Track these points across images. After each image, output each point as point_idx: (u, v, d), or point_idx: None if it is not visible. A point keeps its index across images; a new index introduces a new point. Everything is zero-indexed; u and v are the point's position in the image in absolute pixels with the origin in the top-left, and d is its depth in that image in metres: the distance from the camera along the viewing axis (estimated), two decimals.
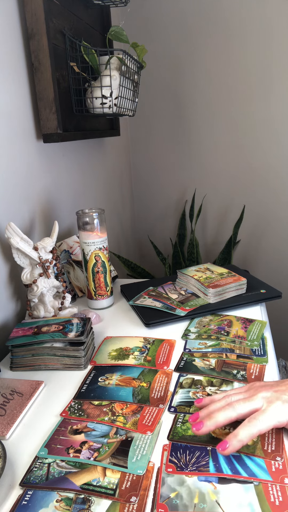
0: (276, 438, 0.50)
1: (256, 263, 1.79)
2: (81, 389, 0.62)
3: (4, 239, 0.79)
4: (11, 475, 0.48)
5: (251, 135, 1.61)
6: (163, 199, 1.81)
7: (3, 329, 0.80)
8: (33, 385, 0.63)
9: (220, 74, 1.56)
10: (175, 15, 1.53)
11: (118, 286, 1.02)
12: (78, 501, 0.43)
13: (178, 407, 0.57)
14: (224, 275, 0.91)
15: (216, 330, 0.76)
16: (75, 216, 1.11)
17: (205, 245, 1.83)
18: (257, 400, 0.49)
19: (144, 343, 0.75)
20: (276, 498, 0.42)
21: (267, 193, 1.67)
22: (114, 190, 1.56)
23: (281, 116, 1.55)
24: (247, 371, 0.64)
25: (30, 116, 0.89)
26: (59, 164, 1.05)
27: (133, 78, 1.08)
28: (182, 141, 1.70)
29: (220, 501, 0.42)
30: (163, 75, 1.62)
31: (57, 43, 0.92)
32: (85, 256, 0.88)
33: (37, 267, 0.80)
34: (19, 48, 0.84)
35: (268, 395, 0.50)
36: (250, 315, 0.82)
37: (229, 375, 0.63)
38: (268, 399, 0.49)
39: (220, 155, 1.67)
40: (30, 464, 0.49)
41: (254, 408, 0.49)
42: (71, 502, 0.43)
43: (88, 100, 1.03)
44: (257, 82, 1.53)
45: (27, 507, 0.43)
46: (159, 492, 0.44)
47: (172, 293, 0.91)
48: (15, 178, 0.85)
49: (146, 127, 1.71)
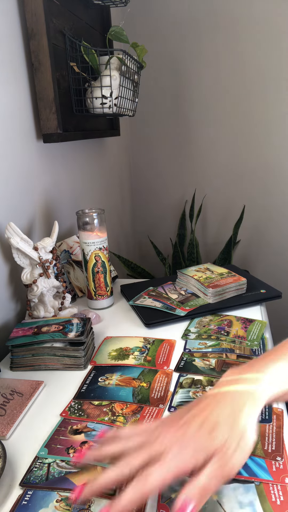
0: (276, 438, 0.50)
1: (256, 263, 1.79)
2: (81, 389, 0.62)
3: (4, 239, 0.79)
4: (11, 475, 0.48)
5: (251, 135, 1.61)
6: (163, 199, 1.81)
7: (3, 329, 0.80)
8: (33, 385, 0.63)
9: (220, 74, 1.56)
10: (175, 15, 1.53)
11: (118, 286, 1.01)
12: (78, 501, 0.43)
13: (178, 407, 0.57)
14: (224, 275, 0.91)
15: (216, 330, 0.76)
16: (75, 216, 1.11)
17: (205, 245, 1.83)
18: (157, 445, 0.39)
19: (144, 343, 0.75)
20: (277, 498, 0.42)
21: (267, 193, 1.67)
22: (114, 190, 1.56)
23: (281, 116, 1.55)
24: None
25: (30, 116, 0.89)
26: (59, 164, 1.05)
27: (133, 78, 1.08)
28: (182, 141, 1.70)
29: (221, 501, 0.42)
30: (163, 75, 1.62)
31: (57, 43, 0.92)
32: (85, 256, 0.88)
33: (37, 267, 0.80)
34: (19, 48, 0.84)
35: (169, 437, 0.40)
36: (250, 315, 0.82)
37: None
38: (169, 442, 0.39)
39: (220, 155, 1.67)
40: (30, 464, 0.49)
41: (153, 457, 0.39)
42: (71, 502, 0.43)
43: (88, 100, 1.03)
44: (257, 82, 1.53)
45: (27, 507, 0.43)
46: (160, 493, 0.44)
47: (172, 293, 0.91)
48: (15, 178, 0.85)
49: (146, 127, 1.71)
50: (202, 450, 0.38)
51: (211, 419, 0.40)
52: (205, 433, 0.39)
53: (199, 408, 0.42)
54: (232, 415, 0.41)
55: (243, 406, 0.41)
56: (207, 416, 0.41)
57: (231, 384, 0.44)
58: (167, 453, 0.38)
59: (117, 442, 0.42)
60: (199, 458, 0.38)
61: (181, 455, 0.38)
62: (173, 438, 0.40)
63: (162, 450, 0.39)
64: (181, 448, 0.38)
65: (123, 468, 0.39)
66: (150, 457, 0.39)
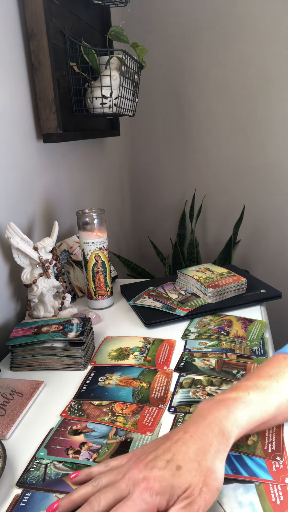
0: (276, 438, 0.50)
1: (256, 263, 1.79)
2: (81, 389, 0.62)
3: (4, 239, 0.79)
4: (11, 475, 0.48)
5: (251, 135, 1.61)
6: (163, 199, 1.81)
7: (3, 329, 0.80)
8: (33, 385, 0.63)
9: (220, 74, 1.56)
10: (175, 15, 1.53)
11: (118, 286, 1.01)
12: None
13: (178, 407, 0.57)
14: (224, 275, 0.91)
15: (216, 330, 0.76)
16: (75, 216, 1.11)
17: (205, 245, 1.83)
18: (123, 484, 0.39)
19: (144, 343, 0.75)
20: (277, 498, 0.42)
21: (267, 193, 1.67)
22: (114, 190, 1.56)
23: (281, 116, 1.55)
24: (247, 371, 0.64)
25: (30, 116, 0.89)
26: (59, 164, 1.05)
27: (133, 78, 1.08)
28: (182, 141, 1.70)
29: (221, 501, 0.42)
30: (163, 75, 1.62)
31: (57, 43, 0.92)
32: (85, 256, 0.88)
33: (37, 267, 0.80)
34: (19, 48, 0.84)
35: (136, 475, 0.39)
36: (250, 315, 0.82)
37: (229, 375, 0.63)
38: (134, 481, 0.39)
39: (220, 155, 1.67)
40: (27, 464, 0.49)
41: (119, 497, 0.39)
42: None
43: (88, 100, 1.03)
44: (257, 82, 1.53)
45: (25, 508, 0.43)
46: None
47: (172, 293, 0.91)
48: (15, 178, 0.85)
49: (146, 127, 1.71)
50: (167, 490, 0.37)
51: (178, 457, 0.39)
52: (171, 472, 0.38)
53: (171, 441, 0.42)
54: (200, 454, 0.40)
55: (211, 445, 0.41)
56: (175, 453, 0.40)
57: (203, 417, 0.44)
58: (131, 493, 0.37)
59: (89, 481, 0.42)
60: (163, 499, 0.37)
61: (146, 496, 0.37)
62: (139, 476, 0.39)
63: (128, 491, 0.38)
64: (146, 489, 0.37)
65: (88, 510, 0.38)
66: (116, 499, 0.38)
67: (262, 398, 0.46)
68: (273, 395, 0.47)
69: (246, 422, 0.44)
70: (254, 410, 0.45)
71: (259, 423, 0.46)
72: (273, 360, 0.52)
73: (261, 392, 0.47)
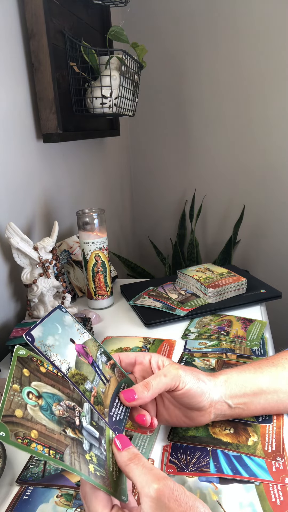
0: (276, 438, 0.50)
1: (256, 263, 1.79)
2: None
3: (4, 239, 0.79)
4: (11, 475, 0.48)
5: (251, 135, 1.61)
6: (163, 199, 1.81)
7: (3, 329, 0.80)
8: None
9: (220, 75, 1.56)
10: (175, 15, 1.53)
11: (118, 286, 1.01)
12: (79, 496, 0.44)
13: None
14: (224, 275, 0.91)
15: (216, 330, 0.76)
16: (75, 216, 1.11)
17: (205, 245, 1.83)
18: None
19: (144, 343, 0.75)
20: (277, 498, 0.42)
21: (267, 193, 1.67)
22: (114, 190, 1.56)
23: (282, 116, 1.55)
24: None
25: (30, 116, 0.89)
26: (59, 164, 1.05)
27: (133, 78, 1.08)
28: (182, 141, 1.70)
29: (221, 501, 0.42)
30: (163, 75, 1.62)
31: (57, 43, 0.92)
32: (85, 256, 0.88)
33: (37, 267, 0.80)
34: (19, 48, 0.84)
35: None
36: (250, 315, 0.82)
37: None
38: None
39: (220, 155, 1.67)
40: (27, 462, 0.49)
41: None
42: (71, 497, 0.44)
43: (88, 100, 1.03)
44: (257, 82, 1.53)
45: (27, 502, 0.43)
46: None
47: (172, 293, 0.91)
48: (15, 178, 0.85)
49: (146, 127, 1.71)
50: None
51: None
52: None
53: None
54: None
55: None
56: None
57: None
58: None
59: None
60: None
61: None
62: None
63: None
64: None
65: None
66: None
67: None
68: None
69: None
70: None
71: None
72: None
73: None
